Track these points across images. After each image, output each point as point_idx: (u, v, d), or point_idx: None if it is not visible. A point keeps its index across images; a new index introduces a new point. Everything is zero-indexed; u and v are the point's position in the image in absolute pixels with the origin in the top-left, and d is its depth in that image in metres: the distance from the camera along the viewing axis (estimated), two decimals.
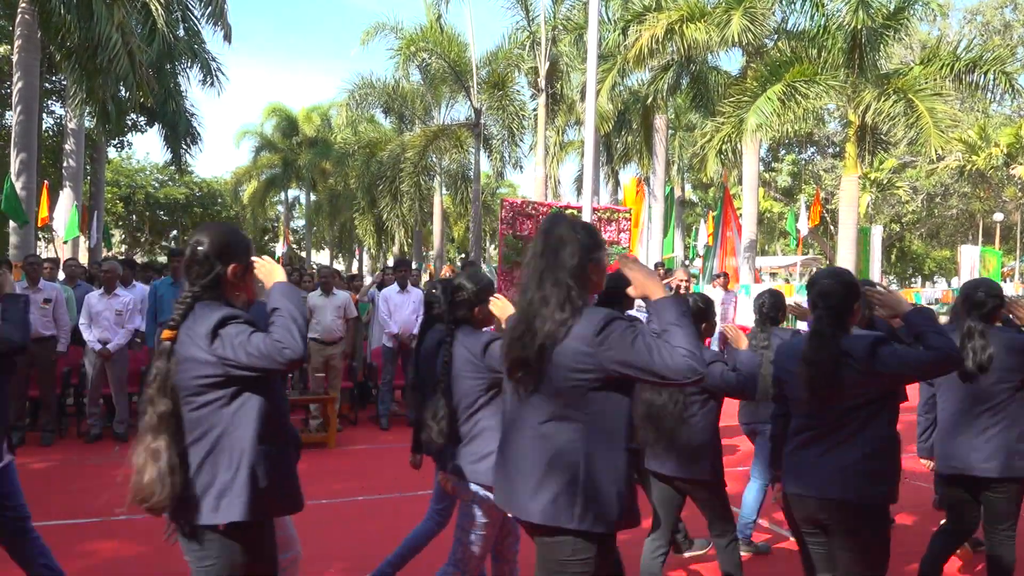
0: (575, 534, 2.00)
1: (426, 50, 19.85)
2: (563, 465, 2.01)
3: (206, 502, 2.06)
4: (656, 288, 2.08)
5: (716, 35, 14.65)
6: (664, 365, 1.90)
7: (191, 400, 2.08)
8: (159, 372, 2.07)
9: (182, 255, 2.32)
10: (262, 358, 2.02)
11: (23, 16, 11.28)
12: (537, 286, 2.09)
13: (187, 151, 18.89)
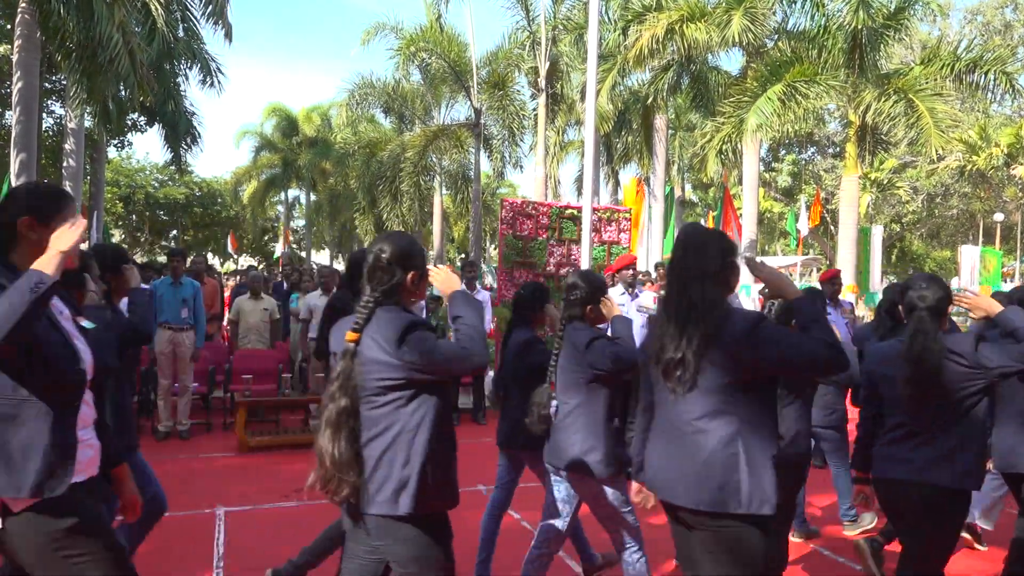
0: (742, 518, 2.17)
1: (426, 50, 19.85)
2: (726, 456, 2.18)
3: (383, 495, 2.20)
4: (791, 289, 2.36)
5: (716, 35, 14.64)
6: (810, 358, 2.12)
7: (372, 399, 2.22)
8: (343, 371, 2.19)
9: (182, 255, 2.36)
10: (448, 363, 2.18)
11: (23, 16, 11.27)
12: (683, 291, 2.27)
13: (187, 151, 18.88)
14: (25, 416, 1.92)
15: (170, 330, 7.06)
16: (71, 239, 1.93)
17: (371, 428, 2.22)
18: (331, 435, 2.20)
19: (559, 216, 10.22)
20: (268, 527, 4.70)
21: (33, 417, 1.92)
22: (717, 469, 2.17)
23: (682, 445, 2.26)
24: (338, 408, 2.18)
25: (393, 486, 2.20)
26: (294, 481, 5.78)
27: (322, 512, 5.01)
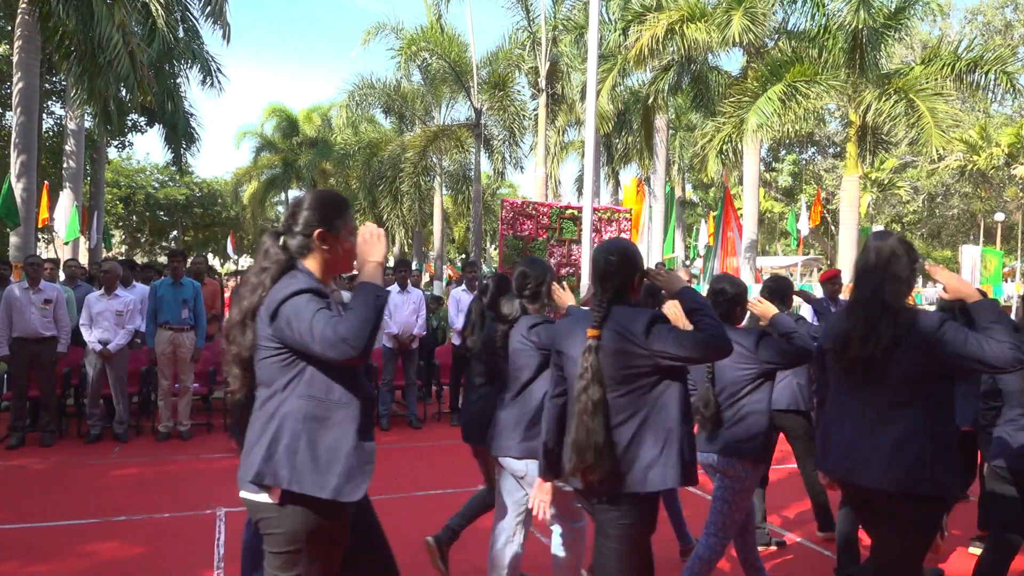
0: (926, 499, 2.44)
1: (427, 50, 19.85)
2: (912, 442, 2.44)
3: (633, 474, 2.39)
4: (970, 292, 2.57)
5: (717, 35, 14.63)
6: (994, 356, 2.32)
7: (619, 388, 2.42)
8: (591, 366, 2.39)
9: (183, 256, 2.37)
10: (695, 349, 2.35)
11: (23, 16, 11.27)
12: (876, 293, 2.56)
13: (187, 151, 18.90)
14: (335, 419, 2.02)
15: (171, 330, 7.06)
16: (381, 250, 2.09)
17: (619, 414, 2.42)
18: (589, 425, 2.37)
19: (559, 216, 10.22)
20: None
21: (341, 421, 2.02)
22: (906, 454, 2.43)
23: (871, 433, 2.52)
24: (593, 400, 2.37)
25: (643, 465, 2.39)
26: None
27: None
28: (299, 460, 1.97)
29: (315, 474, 1.97)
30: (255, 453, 2.00)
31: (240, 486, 2.05)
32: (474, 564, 3.92)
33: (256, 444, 2.02)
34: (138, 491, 5.45)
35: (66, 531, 4.55)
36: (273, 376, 2.04)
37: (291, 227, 2.14)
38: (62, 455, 6.52)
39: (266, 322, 2.01)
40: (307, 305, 1.95)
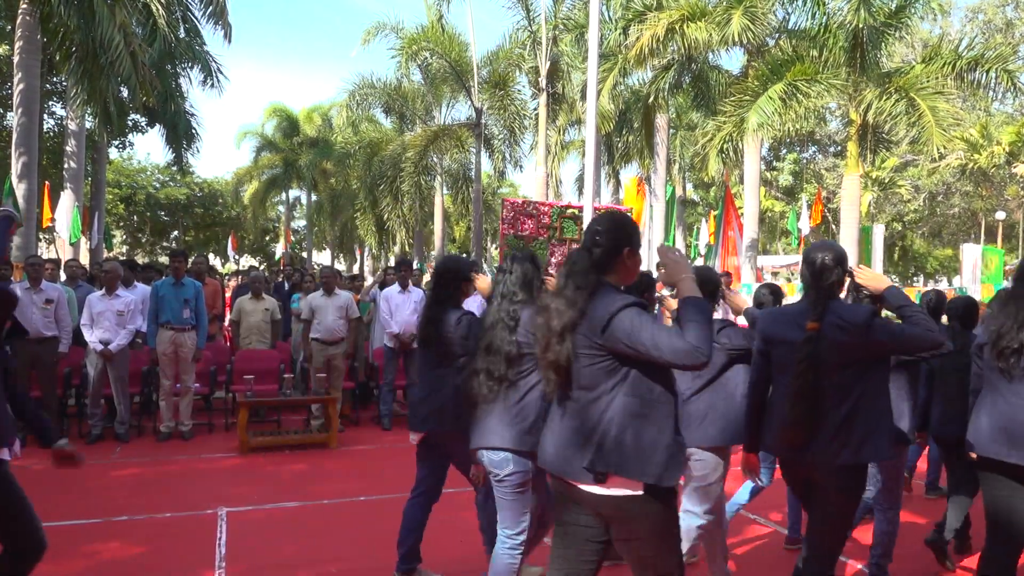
0: None
1: (427, 50, 19.84)
2: None
3: (848, 448, 2.71)
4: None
5: (717, 34, 14.62)
6: None
7: (835, 372, 2.74)
8: (809, 353, 2.74)
9: (184, 256, 2.42)
10: (911, 341, 2.74)
11: (24, 17, 11.28)
12: None
13: (187, 151, 18.91)
14: (655, 416, 2.27)
15: (172, 330, 7.06)
16: (686, 265, 2.41)
17: (835, 395, 2.73)
18: (805, 405, 2.72)
19: (560, 216, 10.21)
20: (270, 527, 4.70)
21: (661, 417, 2.28)
22: None
23: None
24: (808, 383, 2.72)
25: (857, 440, 2.71)
26: (295, 481, 5.79)
27: (323, 512, 5.02)
28: (626, 451, 2.23)
29: (639, 462, 2.22)
30: (587, 446, 2.27)
31: (574, 479, 2.29)
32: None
33: (586, 438, 2.28)
34: (139, 491, 5.46)
35: (67, 531, 4.55)
36: (598, 380, 2.29)
37: (597, 245, 2.39)
38: None
39: (595, 334, 2.26)
40: (639, 318, 2.24)
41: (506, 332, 3.02)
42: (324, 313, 7.66)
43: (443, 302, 3.54)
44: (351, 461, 6.57)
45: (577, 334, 2.29)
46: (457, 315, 3.47)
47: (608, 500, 2.26)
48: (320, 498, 5.26)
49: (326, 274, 8.13)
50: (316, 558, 4.18)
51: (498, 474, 3.01)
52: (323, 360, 7.60)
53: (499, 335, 3.02)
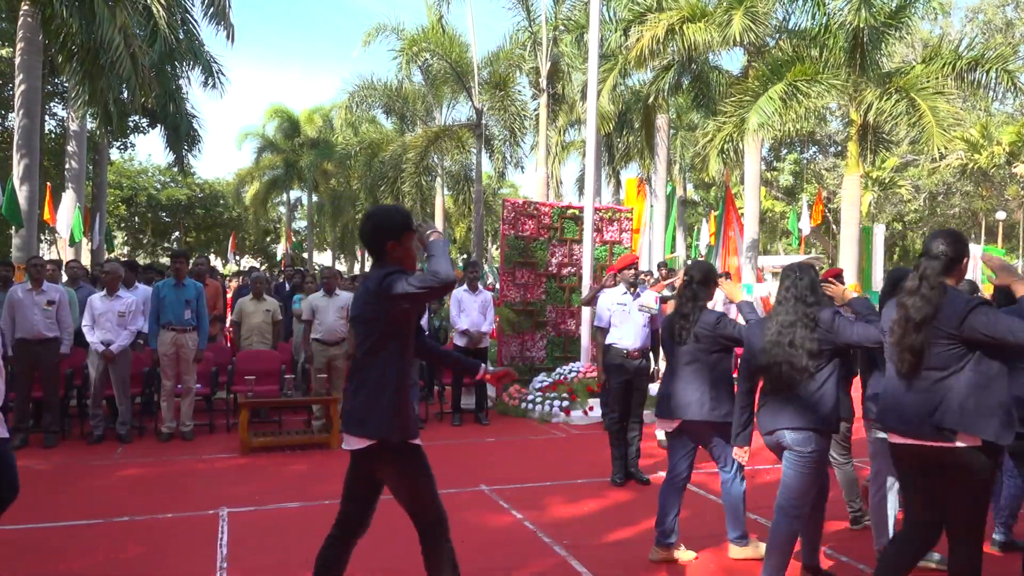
0: None
1: (428, 51, 19.85)
2: None
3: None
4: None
5: (717, 35, 14.63)
6: None
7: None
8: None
9: (185, 256, 2.53)
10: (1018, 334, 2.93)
11: (25, 18, 11.29)
12: None
13: (188, 152, 18.93)
14: (993, 386, 2.83)
15: (173, 331, 7.07)
16: (1013, 269, 3.01)
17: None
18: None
19: (561, 216, 10.23)
20: (271, 528, 4.71)
21: (998, 387, 2.84)
22: None
23: None
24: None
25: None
26: (296, 481, 5.80)
27: (325, 512, 5.02)
28: (969, 414, 2.81)
29: (980, 423, 2.80)
30: (937, 413, 2.85)
31: (926, 439, 2.89)
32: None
33: (936, 406, 2.86)
34: (140, 492, 5.47)
35: (68, 531, 4.56)
36: (949, 362, 2.88)
37: (944, 255, 2.95)
38: (65, 456, 6.55)
39: (952, 326, 2.84)
40: (991, 312, 2.81)
41: (806, 331, 3.47)
42: (325, 314, 7.66)
43: (698, 301, 4.10)
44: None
45: (932, 326, 2.89)
46: (716, 315, 4.08)
47: (954, 452, 2.84)
48: (321, 498, 5.26)
49: (327, 275, 8.14)
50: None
51: (802, 451, 3.48)
52: (324, 361, 7.61)
53: (799, 333, 3.47)
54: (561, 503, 5.21)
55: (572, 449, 7.19)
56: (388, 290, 2.68)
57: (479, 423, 8.18)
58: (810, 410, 3.44)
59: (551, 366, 9.72)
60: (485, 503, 5.22)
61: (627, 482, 5.75)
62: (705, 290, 4.12)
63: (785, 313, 3.53)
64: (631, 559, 4.15)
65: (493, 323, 8.49)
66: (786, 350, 3.46)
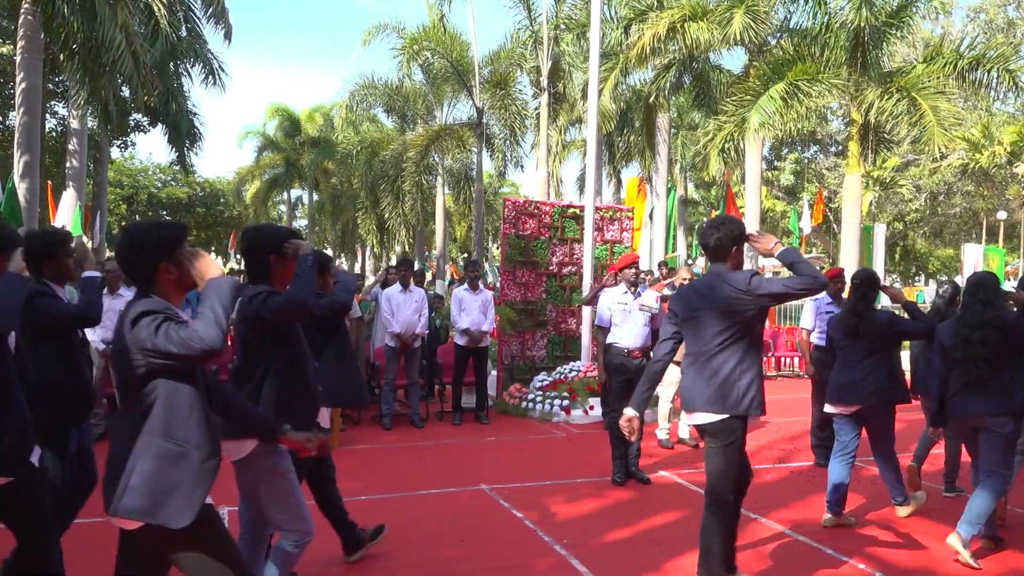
0: None
1: (428, 49, 19.85)
2: None
3: None
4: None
5: (718, 34, 14.62)
6: None
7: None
8: None
9: None
10: None
11: (26, 17, 11.30)
12: None
13: (189, 151, 18.93)
14: None
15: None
16: None
17: None
18: None
19: (561, 215, 10.22)
20: None
21: None
22: None
23: None
24: None
25: None
26: None
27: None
28: None
29: None
30: None
31: None
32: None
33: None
34: None
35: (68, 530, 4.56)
36: None
37: None
38: None
39: None
40: None
41: (992, 332, 4.08)
42: None
43: (868, 302, 4.77)
44: (352, 460, 6.58)
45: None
46: (888, 316, 4.83)
47: None
48: None
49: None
50: (317, 558, 4.19)
51: (999, 432, 4.12)
52: None
53: (989, 335, 4.09)
54: (561, 503, 5.20)
55: (573, 448, 7.19)
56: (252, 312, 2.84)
57: (479, 422, 8.18)
58: (1006, 397, 4.11)
59: (552, 365, 9.72)
60: (485, 502, 5.22)
61: (627, 481, 5.75)
62: (873, 292, 4.82)
63: (972, 315, 4.19)
64: (631, 559, 4.15)
65: (494, 322, 8.49)
66: (977, 348, 4.11)
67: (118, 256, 2.33)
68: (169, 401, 2.18)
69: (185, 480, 2.17)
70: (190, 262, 2.27)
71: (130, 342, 2.15)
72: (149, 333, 2.12)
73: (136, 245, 2.27)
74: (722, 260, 3.41)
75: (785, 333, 13.26)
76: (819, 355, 6.38)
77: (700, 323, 3.41)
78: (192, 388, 2.22)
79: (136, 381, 2.17)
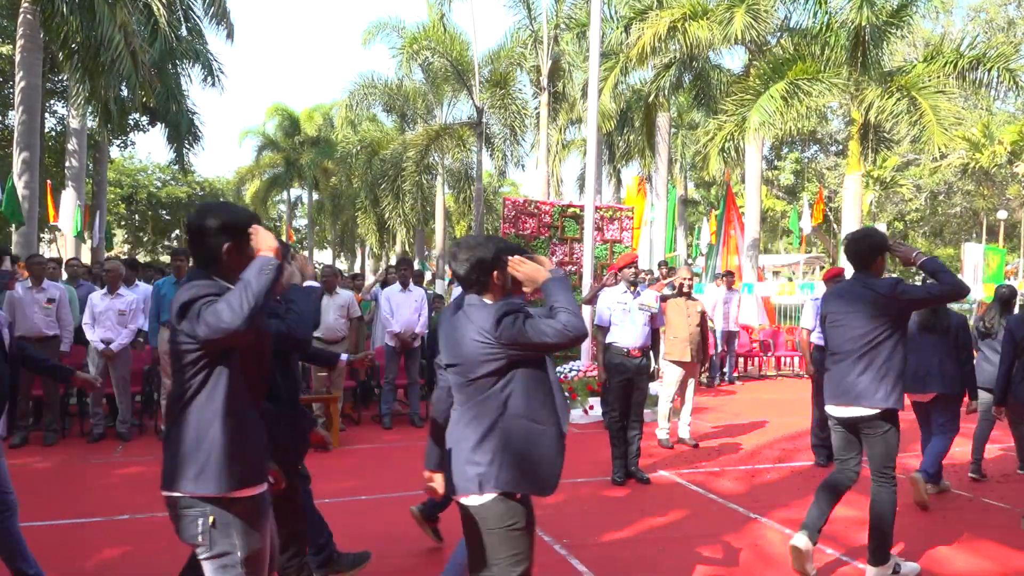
0: None
1: (428, 49, 19.85)
2: None
3: None
4: None
5: (719, 33, 14.60)
6: None
7: None
8: None
9: (186, 255, 2.45)
10: None
11: (25, 16, 11.29)
12: None
13: (189, 150, 18.93)
14: None
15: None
16: None
17: None
18: None
19: (561, 215, 10.21)
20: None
21: None
22: None
23: None
24: None
25: None
26: None
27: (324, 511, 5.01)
28: None
29: None
30: None
31: None
32: None
33: None
34: (141, 490, 5.46)
35: (68, 530, 4.56)
36: None
37: None
38: (65, 454, 6.54)
39: None
40: None
41: None
42: (325, 312, 7.65)
43: None
44: (352, 460, 6.58)
45: None
46: (959, 317, 5.39)
47: None
48: (321, 497, 5.25)
49: (327, 273, 8.12)
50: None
51: None
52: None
53: None
54: (561, 502, 5.20)
55: (572, 448, 7.12)
56: None
57: None
58: None
59: None
60: None
61: (627, 481, 5.74)
62: None
63: None
64: (631, 559, 4.15)
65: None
66: None
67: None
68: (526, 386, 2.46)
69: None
70: None
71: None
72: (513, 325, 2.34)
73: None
74: (867, 268, 3.78)
75: (785, 333, 13.25)
76: (819, 355, 6.36)
77: (848, 325, 3.75)
78: None
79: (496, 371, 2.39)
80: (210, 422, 2.17)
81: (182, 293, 2.22)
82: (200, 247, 2.29)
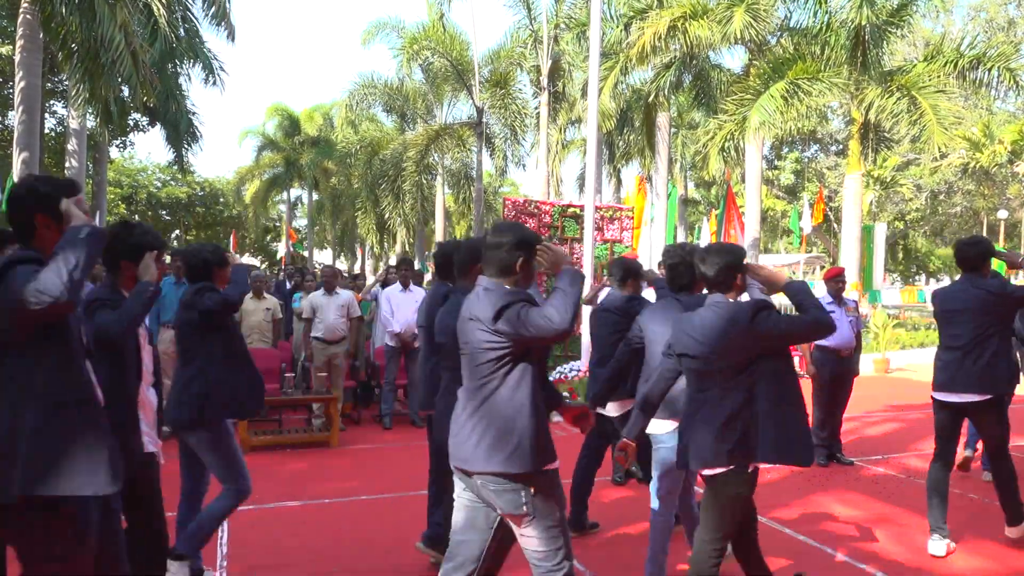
0: None
1: (428, 49, 19.85)
2: None
3: None
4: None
5: (719, 32, 14.60)
6: None
7: None
8: None
9: (185, 255, 2.48)
10: None
11: (25, 16, 11.29)
12: None
13: (188, 150, 18.92)
14: None
15: (173, 330, 7.05)
16: None
17: None
18: None
19: (561, 215, 10.21)
20: (270, 526, 4.70)
21: None
22: None
23: None
24: None
25: None
26: (296, 480, 5.79)
27: (324, 511, 5.02)
28: None
29: None
30: None
31: None
32: None
33: None
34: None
35: None
36: None
37: None
38: None
39: None
40: None
41: None
42: (325, 312, 7.65)
43: None
44: (352, 460, 6.57)
45: None
46: None
47: None
48: (321, 497, 5.26)
49: (327, 273, 8.12)
50: (317, 557, 4.18)
51: None
52: (324, 359, 7.60)
53: None
54: None
55: (573, 448, 7.17)
56: None
57: None
58: None
59: (552, 365, 9.70)
60: None
61: (628, 481, 5.74)
62: None
63: None
64: (631, 559, 4.14)
65: None
66: None
67: None
68: None
69: None
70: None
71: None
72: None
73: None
74: (977, 271, 4.20)
75: None
76: (819, 355, 6.36)
77: (962, 321, 4.16)
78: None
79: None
80: (519, 410, 2.66)
81: None
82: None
